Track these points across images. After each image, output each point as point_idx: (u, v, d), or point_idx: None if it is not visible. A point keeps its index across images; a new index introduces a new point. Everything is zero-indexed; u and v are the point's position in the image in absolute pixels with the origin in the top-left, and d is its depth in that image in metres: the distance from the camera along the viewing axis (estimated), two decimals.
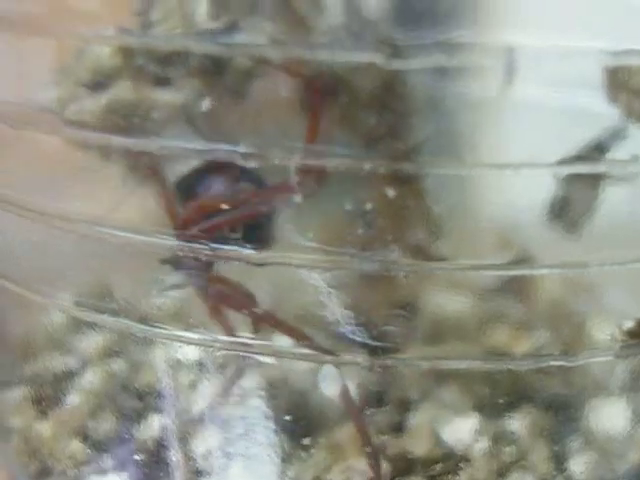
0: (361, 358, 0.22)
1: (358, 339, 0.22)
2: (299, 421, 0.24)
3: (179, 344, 0.25)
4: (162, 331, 0.24)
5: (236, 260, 0.22)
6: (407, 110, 0.22)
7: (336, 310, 0.22)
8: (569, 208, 0.25)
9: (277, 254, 0.22)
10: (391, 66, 0.21)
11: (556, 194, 0.24)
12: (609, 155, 0.23)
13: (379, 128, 0.22)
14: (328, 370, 0.23)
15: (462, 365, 0.23)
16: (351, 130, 0.22)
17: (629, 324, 0.23)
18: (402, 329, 0.23)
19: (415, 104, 0.22)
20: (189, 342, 0.24)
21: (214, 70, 0.22)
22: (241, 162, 0.22)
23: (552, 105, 0.24)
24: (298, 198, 0.21)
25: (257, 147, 0.21)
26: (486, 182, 0.23)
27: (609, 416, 0.26)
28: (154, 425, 0.26)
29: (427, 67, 0.21)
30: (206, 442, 0.25)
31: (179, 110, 0.22)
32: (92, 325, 0.26)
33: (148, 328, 0.24)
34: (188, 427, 0.25)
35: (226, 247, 0.22)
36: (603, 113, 0.23)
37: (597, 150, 0.24)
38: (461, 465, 0.25)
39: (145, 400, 0.26)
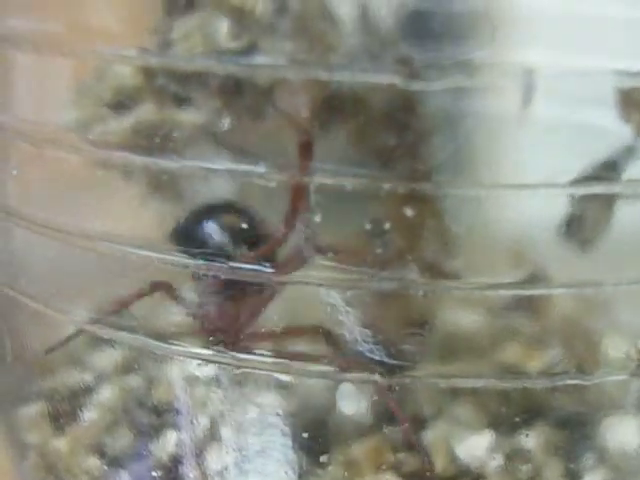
0: (378, 376, 0.22)
1: (375, 357, 0.23)
2: (316, 438, 0.24)
3: (196, 361, 0.25)
4: (179, 348, 0.24)
5: (256, 279, 0.22)
6: (425, 130, 0.22)
7: (354, 328, 0.22)
8: (584, 227, 0.25)
9: (296, 273, 0.22)
10: (410, 87, 0.21)
11: (571, 213, 0.24)
12: (623, 174, 0.23)
13: (397, 148, 0.22)
14: (346, 388, 0.23)
15: (478, 384, 0.23)
16: (369, 150, 0.22)
17: None
18: (418, 347, 0.23)
19: (433, 124, 0.22)
20: (206, 360, 0.24)
21: (234, 90, 0.22)
22: (260, 181, 0.22)
23: (568, 124, 0.24)
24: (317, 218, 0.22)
25: (276, 167, 0.22)
26: (502, 201, 0.23)
27: (624, 434, 0.26)
28: (170, 441, 0.26)
29: (446, 88, 0.21)
30: (222, 459, 0.25)
31: (201, 130, 0.22)
32: (109, 342, 0.26)
33: (165, 345, 0.24)
34: (204, 444, 0.25)
35: (245, 267, 0.22)
36: (617, 132, 0.23)
37: (611, 169, 0.24)
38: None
39: (161, 416, 0.26)
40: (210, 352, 0.24)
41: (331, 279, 0.22)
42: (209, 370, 0.25)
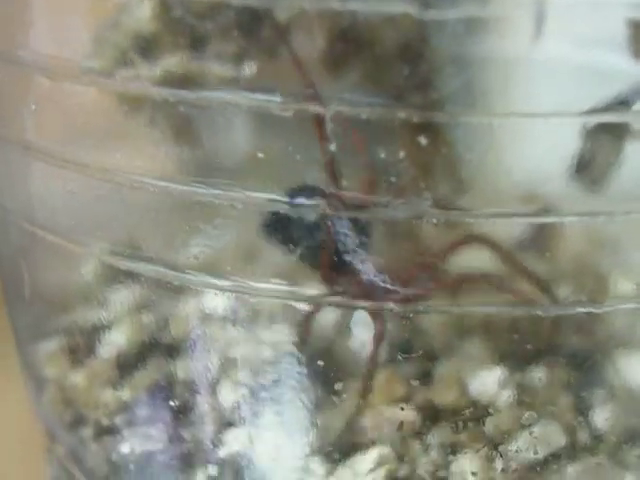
0: (392, 304, 0.23)
1: (389, 286, 0.23)
2: (331, 367, 0.24)
3: (212, 292, 0.25)
4: (196, 278, 0.24)
5: None
6: (439, 60, 0.22)
7: (367, 257, 0.23)
8: (594, 163, 0.25)
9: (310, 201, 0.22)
10: (424, 16, 0.21)
11: (581, 149, 0.25)
12: (634, 108, 0.24)
13: (411, 78, 0.22)
14: (360, 316, 0.23)
15: (490, 311, 0.23)
16: (384, 80, 0.22)
17: None
18: (432, 276, 0.23)
19: (447, 55, 0.23)
20: (222, 289, 0.24)
21: (251, 26, 0.23)
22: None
23: (579, 60, 0.24)
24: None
25: (293, 96, 0.22)
26: (514, 131, 0.23)
27: (634, 370, 0.26)
28: (185, 374, 0.26)
29: (459, 18, 0.21)
30: (239, 390, 0.26)
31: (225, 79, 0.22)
32: (127, 275, 0.26)
33: (182, 275, 0.24)
34: (221, 375, 0.26)
35: None
36: (629, 70, 0.24)
37: (622, 105, 0.24)
38: (486, 414, 0.25)
39: (178, 350, 0.26)
40: (226, 282, 0.24)
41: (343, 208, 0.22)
42: (224, 302, 0.26)
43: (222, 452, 0.26)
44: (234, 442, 0.26)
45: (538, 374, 0.26)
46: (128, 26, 0.24)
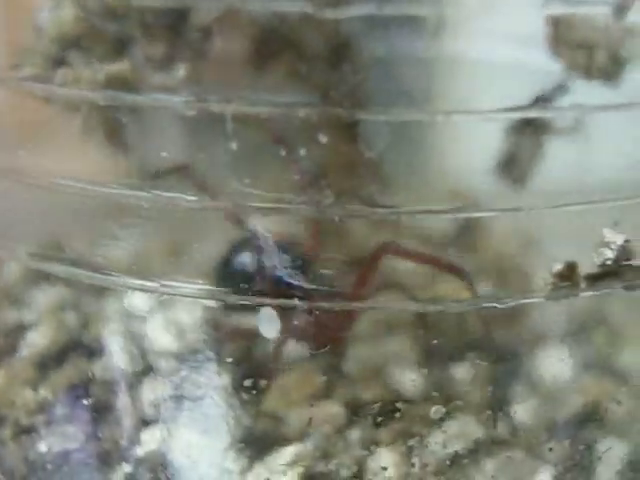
0: (298, 301, 0.23)
1: (295, 282, 0.23)
2: (241, 364, 0.24)
3: (132, 292, 0.25)
4: (118, 279, 0.25)
5: None
6: (342, 59, 0.23)
7: (273, 254, 0.23)
8: (517, 160, 0.25)
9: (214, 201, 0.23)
10: (322, 15, 0.21)
11: (505, 146, 0.25)
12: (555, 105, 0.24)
13: (315, 76, 0.23)
14: (266, 312, 0.23)
15: (397, 307, 0.24)
16: (286, 78, 0.23)
17: (558, 267, 0.23)
18: (340, 273, 0.23)
19: (350, 53, 0.23)
20: (143, 289, 0.25)
21: (173, 28, 0.23)
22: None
23: (503, 58, 0.24)
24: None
25: (196, 95, 0.22)
26: (441, 132, 0.24)
27: (549, 362, 0.26)
28: (104, 373, 0.26)
29: (360, 16, 0.22)
30: (155, 389, 0.26)
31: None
32: (48, 276, 0.27)
33: (105, 277, 0.25)
34: (138, 374, 0.26)
35: None
36: (550, 67, 0.24)
37: (543, 101, 0.24)
38: (402, 409, 0.25)
39: (97, 349, 0.27)
40: (147, 282, 0.24)
41: (250, 205, 0.23)
42: (144, 301, 0.26)
43: (139, 451, 0.26)
44: (151, 441, 0.26)
45: (457, 369, 0.26)
46: (52, 31, 0.24)
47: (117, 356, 0.26)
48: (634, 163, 0.23)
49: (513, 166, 0.26)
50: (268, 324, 0.23)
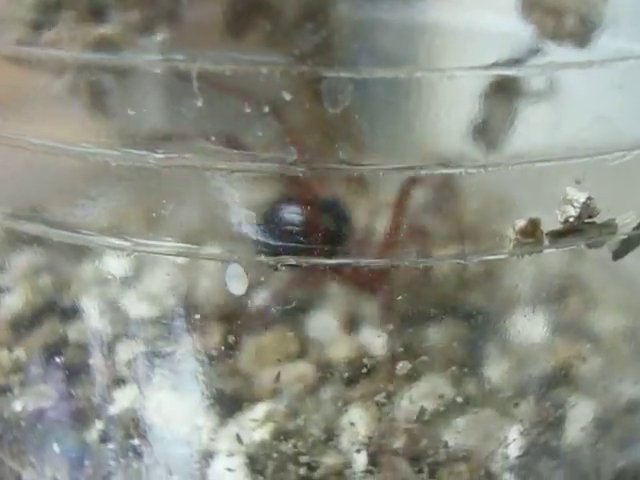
0: (265, 257, 0.23)
1: (260, 239, 0.23)
2: (208, 320, 0.25)
3: (108, 254, 0.26)
4: (96, 239, 0.25)
5: None
6: (337, 23, 0.23)
7: (240, 211, 0.23)
8: (488, 127, 0.26)
9: (180, 156, 0.23)
10: None
11: (478, 109, 0.25)
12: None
13: (282, 35, 0.23)
14: (233, 269, 0.24)
15: (363, 262, 0.24)
16: (249, 36, 0.23)
17: (521, 223, 0.24)
18: (306, 228, 0.24)
19: (346, 18, 0.23)
20: (120, 249, 0.25)
21: None
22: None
23: (478, 23, 0.24)
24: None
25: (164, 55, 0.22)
26: (416, 94, 0.24)
27: (520, 323, 0.27)
28: (79, 335, 0.27)
29: None
30: (129, 350, 0.26)
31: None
32: (22, 240, 0.27)
33: (84, 236, 0.25)
34: (112, 334, 0.26)
35: None
36: (522, 32, 0.24)
37: (515, 62, 0.24)
38: (369, 365, 0.25)
39: (73, 311, 0.27)
40: (118, 240, 0.24)
41: (216, 162, 0.23)
42: (117, 263, 0.26)
43: (113, 409, 0.26)
44: (124, 399, 0.26)
45: (424, 327, 0.26)
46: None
47: (92, 318, 0.27)
48: (596, 121, 0.24)
49: (486, 130, 0.26)
50: (235, 280, 0.24)
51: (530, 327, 0.27)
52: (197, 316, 0.25)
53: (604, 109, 0.24)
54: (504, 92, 0.25)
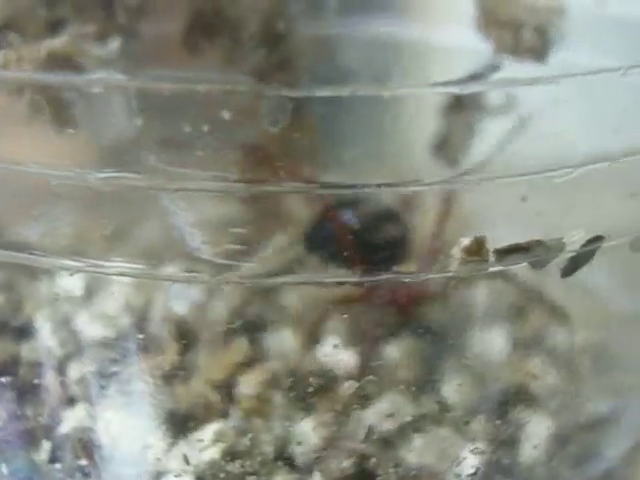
0: (207, 275, 0.23)
1: (204, 257, 0.23)
2: (151, 340, 0.25)
3: (61, 274, 0.26)
4: (48, 260, 0.25)
5: None
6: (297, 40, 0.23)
7: (183, 229, 0.23)
8: (449, 143, 0.26)
9: (124, 175, 0.23)
10: None
11: (437, 131, 0.25)
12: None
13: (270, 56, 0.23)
14: (176, 288, 0.24)
15: (314, 279, 0.24)
16: (191, 55, 0.23)
17: (466, 241, 0.24)
18: (246, 247, 0.23)
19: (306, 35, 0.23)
20: (71, 269, 0.25)
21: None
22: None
23: (439, 39, 0.24)
24: None
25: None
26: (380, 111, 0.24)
27: (478, 340, 0.26)
28: (31, 354, 0.27)
29: None
30: (81, 369, 0.26)
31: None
32: None
33: (36, 257, 0.25)
34: (64, 354, 0.26)
35: None
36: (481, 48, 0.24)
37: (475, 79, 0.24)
38: (329, 387, 0.25)
39: (25, 330, 0.27)
40: (76, 263, 0.24)
41: (159, 181, 0.23)
42: (73, 283, 0.26)
43: (62, 428, 0.26)
44: (73, 418, 0.26)
45: (388, 347, 0.26)
46: None
47: (45, 338, 0.26)
48: (542, 137, 0.24)
49: (447, 144, 0.26)
50: (178, 300, 0.23)
51: (485, 344, 0.27)
52: (147, 336, 0.25)
53: (551, 125, 0.24)
54: (462, 108, 0.25)
